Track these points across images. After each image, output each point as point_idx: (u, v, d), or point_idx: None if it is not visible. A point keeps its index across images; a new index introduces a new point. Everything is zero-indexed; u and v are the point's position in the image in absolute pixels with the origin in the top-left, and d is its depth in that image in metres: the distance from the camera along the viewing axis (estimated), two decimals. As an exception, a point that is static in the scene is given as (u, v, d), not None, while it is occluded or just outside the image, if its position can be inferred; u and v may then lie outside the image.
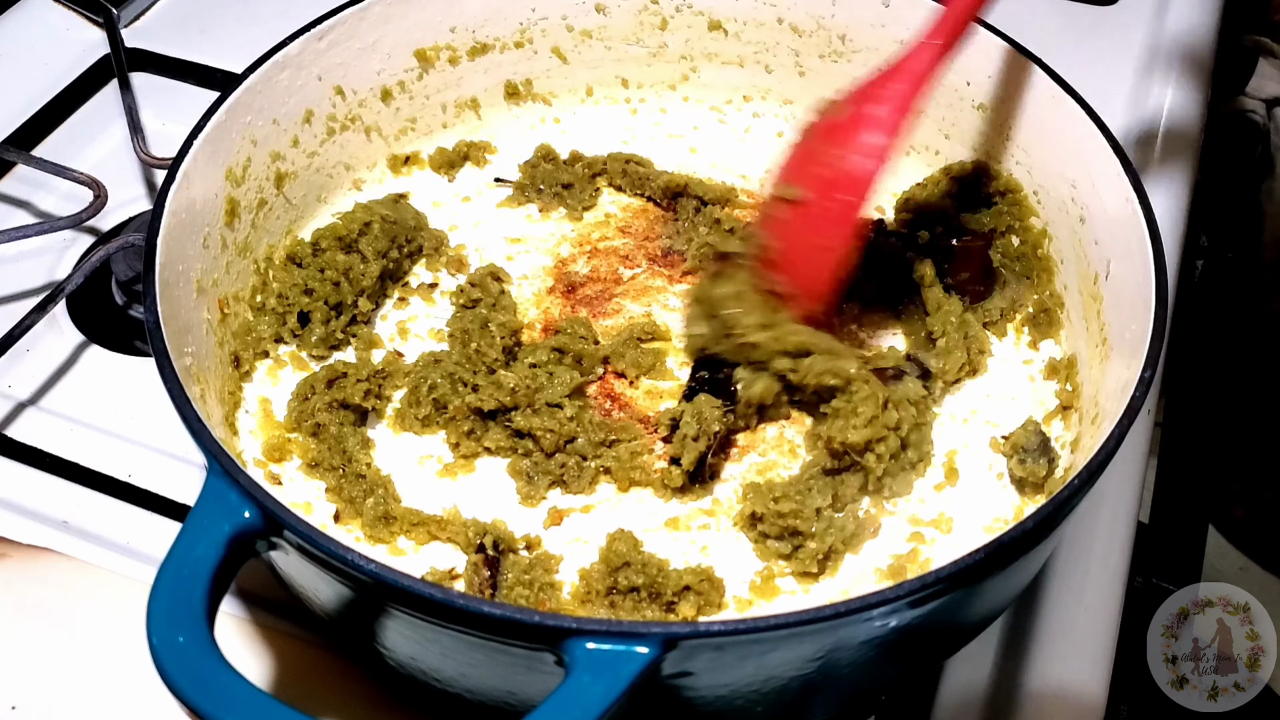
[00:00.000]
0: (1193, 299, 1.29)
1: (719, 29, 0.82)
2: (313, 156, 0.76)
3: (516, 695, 0.53)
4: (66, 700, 0.61)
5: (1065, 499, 0.52)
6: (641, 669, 0.46)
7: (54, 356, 0.77)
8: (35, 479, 0.70)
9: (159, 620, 0.47)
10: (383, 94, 0.79)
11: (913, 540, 0.64)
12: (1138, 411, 0.55)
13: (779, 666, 0.50)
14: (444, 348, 0.72)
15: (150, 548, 0.67)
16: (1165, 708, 0.71)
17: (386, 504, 0.63)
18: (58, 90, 0.93)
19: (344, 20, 0.74)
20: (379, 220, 0.73)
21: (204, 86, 0.93)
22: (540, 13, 0.81)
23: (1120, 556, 0.70)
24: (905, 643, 0.53)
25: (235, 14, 1.00)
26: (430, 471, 0.67)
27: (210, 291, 0.66)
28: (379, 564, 0.49)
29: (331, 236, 0.72)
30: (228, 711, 0.45)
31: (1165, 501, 1.21)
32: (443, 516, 0.64)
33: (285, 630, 0.63)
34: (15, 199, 0.87)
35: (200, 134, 0.66)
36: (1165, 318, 0.58)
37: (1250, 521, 1.73)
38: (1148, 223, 0.62)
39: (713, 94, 0.85)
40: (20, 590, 0.65)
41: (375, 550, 0.63)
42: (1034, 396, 0.70)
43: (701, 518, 0.65)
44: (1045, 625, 0.67)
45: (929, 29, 0.65)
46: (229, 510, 0.50)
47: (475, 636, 0.49)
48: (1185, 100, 0.94)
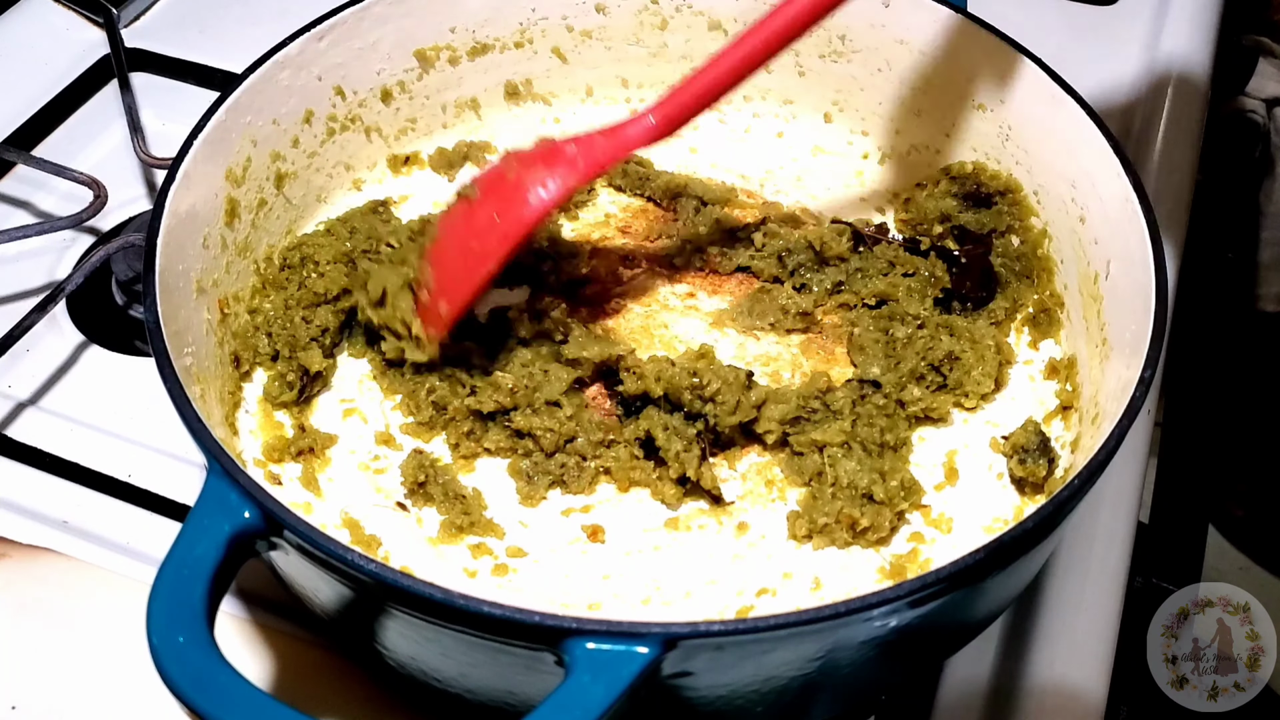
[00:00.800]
0: (1193, 299, 1.29)
1: (719, 29, 0.82)
2: (313, 156, 0.76)
3: (516, 695, 0.53)
4: (66, 700, 0.61)
5: (1065, 499, 0.52)
6: (641, 669, 0.46)
7: (54, 356, 0.77)
8: (35, 479, 0.70)
9: (159, 620, 0.47)
10: (383, 94, 0.79)
11: (913, 540, 0.64)
12: (1138, 411, 0.55)
13: (779, 666, 0.50)
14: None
15: (150, 548, 0.67)
16: (1165, 708, 0.71)
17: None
18: (58, 90, 0.93)
19: (344, 20, 0.74)
20: (333, 244, 0.72)
21: (204, 86, 0.93)
22: (540, 13, 0.81)
23: (1120, 556, 0.70)
24: (905, 643, 0.53)
25: (235, 14, 1.00)
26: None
27: (210, 291, 0.66)
28: (379, 564, 0.49)
29: (295, 259, 0.72)
30: (228, 711, 0.45)
31: (1165, 501, 1.21)
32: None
33: (285, 630, 0.63)
34: (15, 199, 0.87)
35: (200, 134, 0.66)
36: (1165, 318, 0.58)
37: (1250, 521, 1.73)
38: (1148, 223, 0.62)
39: (713, 94, 0.85)
40: (20, 590, 0.65)
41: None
42: (1034, 396, 0.70)
43: (701, 518, 0.65)
44: (1045, 625, 0.67)
45: (655, 104, 0.65)
46: (229, 510, 0.50)
47: (475, 636, 0.49)
48: (1185, 100, 0.94)
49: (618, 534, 0.65)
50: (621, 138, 0.65)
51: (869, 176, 0.82)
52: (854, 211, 0.79)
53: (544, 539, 0.64)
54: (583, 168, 0.65)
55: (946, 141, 0.78)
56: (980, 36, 0.73)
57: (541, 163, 0.65)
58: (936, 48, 0.76)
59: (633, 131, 0.65)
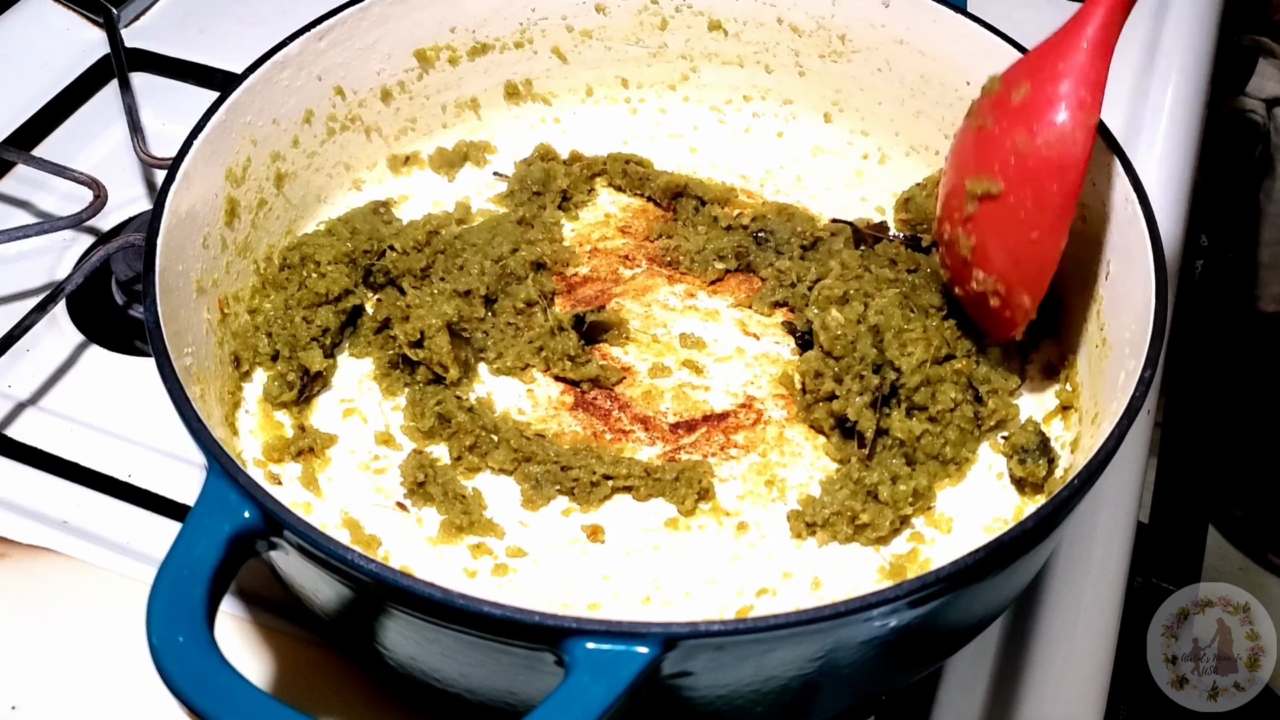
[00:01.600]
0: (1193, 299, 1.30)
1: (719, 29, 0.82)
2: (313, 156, 0.76)
3: (516, 695, 0.53)
4: (66, 700, 0.61)
5: (1065, 499, 0.52)
6: (641, 669, 0.46)
7: (54, 356, 0.77)
8: (35, 479, 0.70)
9: (159, 620, 0.47)
10: (383, 94, 0.79)
11: (913, 540, 0.64)
12: (1138, 411, 0.55)
13: (779, 666, 0.50)
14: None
15: (150, 548, 0.67)
16: (1165, 708, 0.71)
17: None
18: (58, 90, 0.93)
19: (344, 20, 0.74)
20: (335, 245, 0.72)
21: (204, 86, 0.93)
22: (540, 13, 0.81)
23: (1120, 556, 0.70)
24: (905, 643, 0.53)
25: (235, 14, 1.00)
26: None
27: (210, 291, 0.66)
28: (379, 564, 0.49)
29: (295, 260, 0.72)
30: (228, 711, 0.45)
31: (1165, 501, 1.21)
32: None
33: (285, 630, 0.63)
34: (15, 199, 0.87)
35: (200, 134, 0.66)
36: (1165, 318, 0.58)
37: (1250, 521, 1.74)
38: (1148, 223, 0.62)
39: (713, 94, 0.85)
40: (20, 590, 0.65)
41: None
42: (1034, 396, 0.70)
43: (701, 517, 0.65)
44: (1045, 625, 0.67)
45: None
46: (229, 510, 0.50)
47: (475, 636, 0.49)
48: (1185, 100, 0.94)
49: (618, 534, 0.65)
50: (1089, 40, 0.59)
51: (869, 176, 0.82)
52: (854, 211, 0.79)
53: (544, 539, 0.64)
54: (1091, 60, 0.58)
55: (946, 142, 0.78)
56: (980, 36, 0.73)
57: (1041, 110, 0.59)
58: (936, 48, 0.76)
59: (1097, 22, 0.59)
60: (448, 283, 0.72)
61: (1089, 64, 0.59)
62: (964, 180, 0.64)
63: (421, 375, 0.69)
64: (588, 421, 0.69)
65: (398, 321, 0.69)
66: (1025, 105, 0.60)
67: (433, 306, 0.68)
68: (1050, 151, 0.59)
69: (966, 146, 0.65)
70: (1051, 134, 0.59)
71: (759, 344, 0.73)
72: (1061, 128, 0.59)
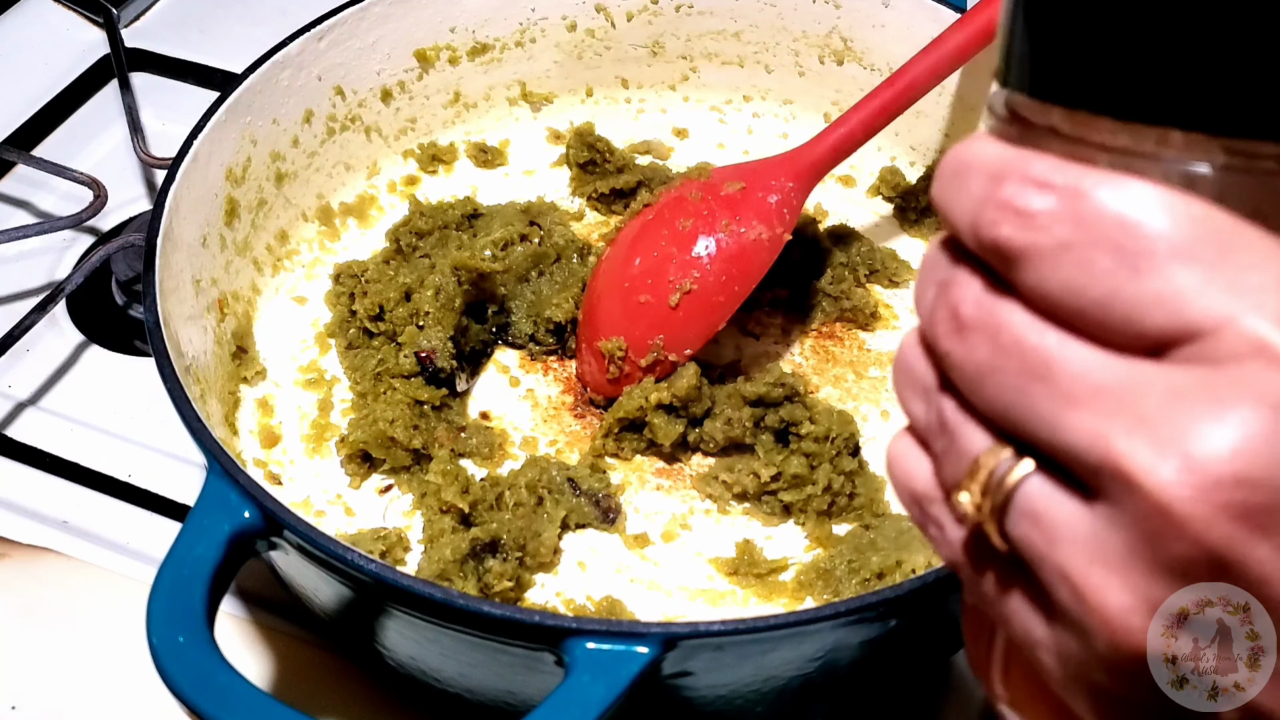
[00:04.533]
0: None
1: (719, 29, 0.82)
2: (313, 156, 0.76)
3: (516, 695, 0.53)
4: (66, 700, 0.61)
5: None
6: (641, 669, 0.46)
7: (54, 356, 0.77)
8: (35, 479, 0.70)
9: (159, 620, 0.47)
10: (383, 94, 0.79)
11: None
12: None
13: (779, 666, 0.51)
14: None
15: (150, 548, 0.67)
16: (1165, 708, 0.71)
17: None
18: (58, 90, 0.93)
19: (344, 20, 0.74)
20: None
21: (204, 86, 0.93)
22: (540, 13, 0.81)
23: (1120, 556, 0.70)
24: (906, 643, 0.53)
25: (235, 14, 1.00)
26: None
27: (210, 291, 0.66)
28: (379, 564, 0.49)
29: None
30: (228, 711, 0.45)
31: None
32: None
33: (285, 630, 0.63)
34: (15, 199, 0.87)
35: (200, 134, 0.66)
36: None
37: (1250, 521, 1.73)
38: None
39: (713, 94, 0.85)
40: (20, 590, 0.65)
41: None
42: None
43: (701, 517, 0.65)
44: (1045, 625, 0.67)
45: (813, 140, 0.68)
46: (229, 510, 0.50)
47: (475, 636, 0.49)
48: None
49: (618, 534, 0.65)
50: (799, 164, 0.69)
51: (869, 176, 0.82)
52: (854, 211, 0.79)
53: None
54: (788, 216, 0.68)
55: (947, 141, 0.78)
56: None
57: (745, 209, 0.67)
58: (937, 48, 0.76)
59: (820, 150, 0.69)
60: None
61: (798, 191, 0.68)
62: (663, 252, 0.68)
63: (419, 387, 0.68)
64: (588, 422, 0.69)
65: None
66: (736, 199, 0.67)
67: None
68: (747, 242, 0.66)
69: (664, 212, 0.70)
70: (753, 232, 0.66)
71: (759, 344, 0.73)
72: (760, 231, 0.66)
